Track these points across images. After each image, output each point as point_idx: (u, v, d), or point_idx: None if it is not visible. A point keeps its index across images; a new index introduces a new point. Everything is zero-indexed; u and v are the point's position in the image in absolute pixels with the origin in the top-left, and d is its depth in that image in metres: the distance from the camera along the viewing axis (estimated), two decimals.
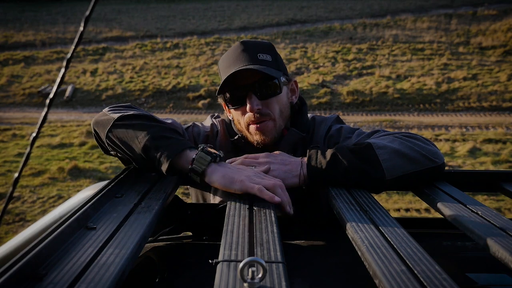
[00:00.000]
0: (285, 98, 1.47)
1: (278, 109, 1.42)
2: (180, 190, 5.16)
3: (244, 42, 1.44)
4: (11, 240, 1.93)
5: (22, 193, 5.51)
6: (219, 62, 1.49)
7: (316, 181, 1.18)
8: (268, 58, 1.42)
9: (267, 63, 1.40)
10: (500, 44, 13.92)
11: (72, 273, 0.68)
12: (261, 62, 1.39)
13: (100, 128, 1.29)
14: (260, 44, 1.46)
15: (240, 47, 1.42)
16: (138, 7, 24.90)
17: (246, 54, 1.40)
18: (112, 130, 1.24)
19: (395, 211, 4.79)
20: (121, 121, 1.24)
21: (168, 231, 1.41)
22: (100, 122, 1.29)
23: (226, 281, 0.65)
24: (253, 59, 1.39)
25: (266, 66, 1.38)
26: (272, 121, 1.41)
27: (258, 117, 1.39)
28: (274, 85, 1.40)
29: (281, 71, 1.45)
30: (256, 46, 1.44)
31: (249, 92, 1.38)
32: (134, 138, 1.20)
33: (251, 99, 1.37)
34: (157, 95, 11.26)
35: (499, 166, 6.29)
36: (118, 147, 1.25)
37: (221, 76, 1.46)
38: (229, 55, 1.44)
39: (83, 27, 0.64)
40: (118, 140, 1.24)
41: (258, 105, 1.38)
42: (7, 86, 12.23)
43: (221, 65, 1.47)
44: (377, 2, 22.61)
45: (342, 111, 9.91)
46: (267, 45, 1.47)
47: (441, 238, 1.41)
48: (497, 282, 1.19)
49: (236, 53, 1.41)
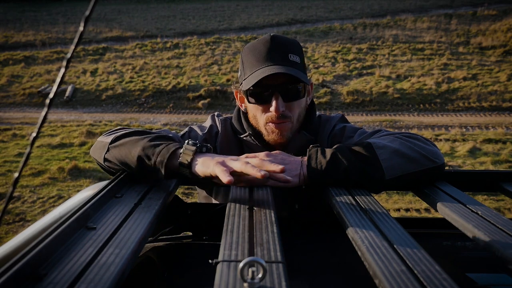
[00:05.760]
0: (305, 101, 1.47)
1: (298, 112, 1.43)
2: (180, 190, 5.16)
3: (275, 38, 1.41)
4: (11, 240, 1.93)
5: (22, 193, 5.51)
6: (243, 52, 1.46)
7: (316, 180, 1.18)
8: (297, 60, 1.40)
9: (297, 65, 1.39)
10: (500, 44, 13.92)
11: (72, 273, 0.68)
12: (292, 64, 1.38)
13: (97, 155, 1.33)
14: (291, 42, 1.44)
15: (270, 43, 1.39)
16: (138, 7, 24.89)
17: (278, 53, 1.38)
18: (107, 153, 1.28)
19: (395, 211, 4.79)
20: (114, 142, 1.28)
21: (168, 231, 1.41)
22: (97, 150, 1.34)
23: (226, 281, 0.65)
24: (285, 59, 1.37)
25: (296, 69, 1.37)
26: (291, 123, 1.41)
27: (280, 118, 1.39)
28: (300, 88, 1.40)
29: (305, 73, 1.44)
30: (287, 44, 1.41)
31: (276, 92, 1.37)
32: (128, 154, 1.23)
33: (278, 100, 1.37)
34: (157, 95, 11.26)
35: (499, 166, 6.29)
36: (117, 166, 1.27)
37: (244, 68, 1.43)
38: (257, 49, 1.40)
39: (83, 27, 0.64)
40: (116, 160, 1.26)
41: (283, 107, 1.38)
42: (7, 86, 12.23)
43: (248, 58, 1.43)
44: (377, 2, 22.61)
45: (342, 111, 9.91)
46: (296, 45, 1.45)
47: (441, 238, 1.41)
48: (497, 282, 1.19)
49: (266, 49, 1.38)
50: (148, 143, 1.22)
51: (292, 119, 1.41)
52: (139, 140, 1.24)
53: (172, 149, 1.18)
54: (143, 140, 1.23)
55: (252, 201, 1.05)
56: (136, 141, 1.24)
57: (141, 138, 1.25)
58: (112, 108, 10.84)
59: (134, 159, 1.20)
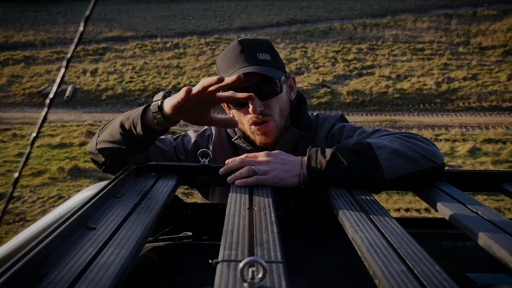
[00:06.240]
0: (285, 96, 1.47)
1: (279, 109, 1.43)
2: (180, 190, 5.15)
3: (242, 41, 1.43)
4: (11, 240, 1.93)
5: (22, 193, 5.51)
6: (217, 61, 1.49)
7: (315, 180, 1.18)
8: (267, 57, 1.41)
9: (267, 63, 1.40)
10: (500, 44, 13.91)
11: (72, 273, 0.68)
12: (261, 62, 1.39)
13: (91, 146, 1.37)
14: (259, 42, 1.46)
15: (239, 47, 1.41)
16: (138, 7, 24.88)
17: (246, 54, 1.40)
18: (98, 138, 1.33)
19: (395, 211, 4.79)
20: (103, 128, 1.35)
21: (168, 231, 1.41)
22: (91, 143, 1.39)
23: (226, 281, 0.65)
24: (253, 59, 1.39)
25: (266, 67, 1.38)
26: (273, 121, 1.42)
27: (260, 118, 1.40)
28: (275, 85, 1.41)
29: (280, 69, 1.45)
30: (255, 45, 1.43)
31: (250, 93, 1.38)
32: (113, 129, 1.28)
33: (254, 101, 1.37)
34: None
35: (499, 166, 6.29)
36: (106, 146, 1.30)
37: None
38: (227, 55, 1.43)
39: (83, 27, 0.64)
40: (104, 138, 1.30)
41: (260, 107, 1.39)
42: (7, 86, 12.22)
43: (220, 65, 1.46)
44: (377, 2, 22.60)
45: (342, 111, 9.90)
46: (265, 44, 1.46)
47: (441, 238, 1.41)
48: (497, 282, 1.19)
49: (235, 53, 1.41)
50: (128, 112, 1.29)
51: (273, 116, 1.42)
52: (120, 116, 1.31)
53: (145, 105, 1.24)
54: (124, 113, 1.31)
55: (252, 201, 1.05)
56: (119, 116, 1.31)
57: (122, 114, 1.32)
58: (112, 108, 10.83)
59: (118, 126, 1.26)
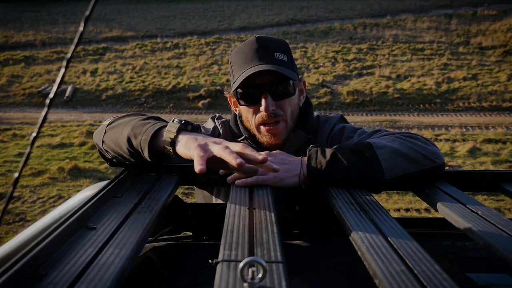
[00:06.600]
0: (297, 99, 1.47)
1: (290, 110, 1.43)
2: (180, 190, 5.15)
3: (260, 39, 1.41)
4: (11, 240, 1.93)
5: (22, 193, 5.51)
6: (231, 56, 1.47)
7: (316, 180, 1.18)
8: (284, 58, 1.40)
9: (283, 63, 1.39)
10: (500, 44, 13.92)
11: (72, 273, 0.68)
12: (278, 62, 1.38)
13: (97, 138, 1.32)
14: (276, 42, 1.45)
15: (256, 44, 1.40)
16: (138, 7, 24.88)
17: (263, 52, 1.38)
18: (105, 135, 1.27)
19: (395, 211, 4.79)
20: (111, 124, 1.28)
21: (168, 231, 1.41)
22: (97, 134, 1.33)
23: (226, 281, 0.65)
24: (270, 58, 1.38)
25: (283, 67, 1.37)
26: (284, 122, 1.42)
27: (271, 118, 1.39)
28: (289, 86, 1.40)
29: (295, 71, 1.44)
30: (273, 44, 1.42)
31: (264, 92, 1.38)
32: (120, 135, 1.21)
33: (267, 99, 1.37)
34: (157, 95, 11.26)
35: (499, 166, 6.29)
36: (113, 150, 1.26)
37: (233, 71, 1.44)
38: (243, 51, 1.41)
39: (83, 27, 0.64)
40: (111, 142, 1.25)
41: (273, 106, 1.38)
42: (7, 86, 12.22)
43: (235, 60, 1.44)
44: (377, 2, 22.60)
45: (342, 111, 9.90)
46: (283, 44, 1.46)
47: (441, 238, 1.41)
48: (497, 282, 1.19)
49: (252, 50, 1.39)
50: (138, 122, 1.18)
51: (284, 117, 1.41)
52: (131, 120, 1.22)
53: (157, 127, 1.13)
54: (135, 120, 1.21)
55: (252, 201, 1.05)
56: (129, 121, 1.22)
57: (134, 118, 1.23)
58: (112, 108, 10.83)
59: (125, 139, 1.17)
